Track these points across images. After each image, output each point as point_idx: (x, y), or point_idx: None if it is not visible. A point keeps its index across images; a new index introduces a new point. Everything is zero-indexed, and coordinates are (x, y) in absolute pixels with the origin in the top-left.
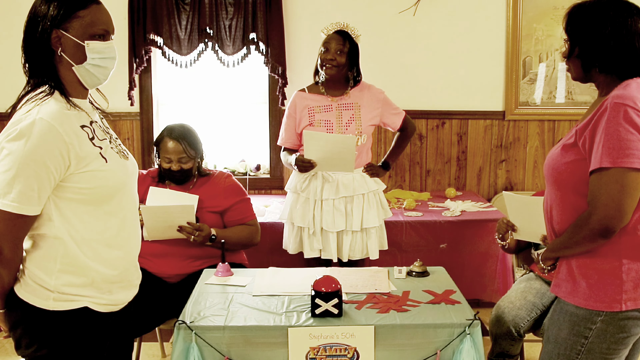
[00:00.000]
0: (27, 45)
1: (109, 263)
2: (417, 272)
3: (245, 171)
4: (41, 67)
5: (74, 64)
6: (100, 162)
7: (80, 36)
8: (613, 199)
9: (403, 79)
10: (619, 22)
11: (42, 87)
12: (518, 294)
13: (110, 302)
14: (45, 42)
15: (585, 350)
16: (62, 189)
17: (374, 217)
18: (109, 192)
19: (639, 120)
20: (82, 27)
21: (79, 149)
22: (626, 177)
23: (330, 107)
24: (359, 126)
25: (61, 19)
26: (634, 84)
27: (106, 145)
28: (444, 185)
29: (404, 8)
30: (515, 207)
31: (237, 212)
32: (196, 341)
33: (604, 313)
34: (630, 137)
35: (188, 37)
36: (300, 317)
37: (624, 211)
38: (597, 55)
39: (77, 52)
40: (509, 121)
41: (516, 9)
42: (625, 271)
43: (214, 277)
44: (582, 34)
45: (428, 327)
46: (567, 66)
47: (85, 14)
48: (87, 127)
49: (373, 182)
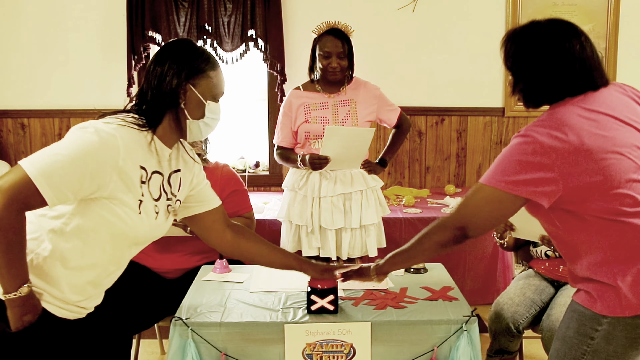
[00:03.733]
0: (155, 86)
1: (78, 290)
2: (415, 269)
3: (245, 168)
4: (158, 107)
5: (189, 118)
6: (133, 204)
7: (204, 94)
8: (475, 211)
9: (402, 75)
10: (550, 49)
11: (136, 116)
12: (517, 291)
13: (64, 306)
14: (175, 91)
15: (590, 351)
16: (91, 199)
17: (373, 214)
18: (125, 238)
19: (525, 152)
20: (209, 87)
21: (124, 180)
22: (492, 195)
23: (326, 104)
24: (355, 122)
25: (193, 74)
26: (557, 109)
27: (151, 201)
28: (443, 182)
29: (403, 4)
30: None
31: (233, 204)
32: (193, 337)
33: (609, 316)
34: (514, 163)
35: (186, 33)
36: (296, 314)
37: (481, 226)
38: (539, 90)
39: (198, 109)
40: (509, 118)
41: (516, 6)
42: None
43: (211, 274)
44: (520, 70)
45: (425, 323)
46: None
47: (213, 75)
48: (144, 170)
49: (371, 179)
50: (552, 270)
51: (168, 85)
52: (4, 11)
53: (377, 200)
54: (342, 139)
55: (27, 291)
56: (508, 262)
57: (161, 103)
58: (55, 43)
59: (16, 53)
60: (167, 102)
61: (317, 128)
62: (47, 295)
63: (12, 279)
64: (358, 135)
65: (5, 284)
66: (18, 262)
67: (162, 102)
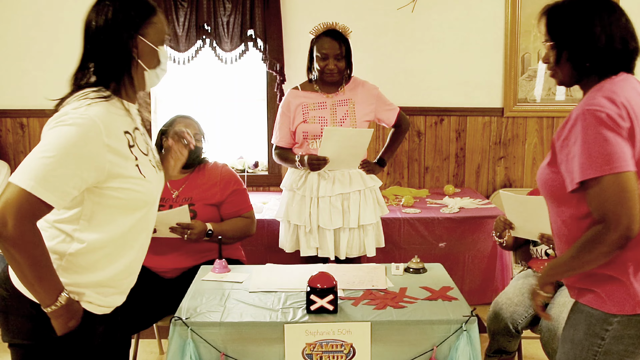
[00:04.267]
0: (102, 50)
1: (114, 269)
2: (414, 269)
3: (244, 168)
4: (113, 71)
5: (147, 69)
6: (135, 172)
7: (154, 42)
8: (623, 207)
9: (401, 75)
10: (604, 19)
11: (95, 88)
12: (516, 291)
13: (104, 304)
14: (126, 47)
15: (602, 352)
16: (96, 191)
17: (371, 214)
18: (140, 205)
19: (607, 125)
20: (156, 33)
21: (117, 155)
22: (620, 182)
23: (324, 103)
24: (353, 122)
25: (140, 25)
26: (607, 85)
27: (144, 158)
28: (442, 182)
29: (403, 4)
30: (513, 206)
31: (233, 204)
32: (192, 337)
33: (619, 315)
34: (604, 143)
35: (186, 33)
36: (296, 314)
37: (637, 215)
38: (590, 58)
39: (152, 58)
40: (508, 118)
41: (515, 5)
42: (633, 273)
43: (210, 274)
44: (569, 37)
45: (424, 323)
46: (550, 71)
47: (157, 20)
48: (128, 134)
49: (369, 179)
50: None
51: (117, 45)
52: (3, 11)
53: (375, 200)
54: (340, 140)
55: (65, 299)
56: (507, 262)
57: (117, 65)
58: (54, 43)
59: (15, 52)
60: (122, 62)
61: (315, 128)
62: (90, 292)
63: (47, 291)
64: (356, 135)
65: (43, 298)
66: (48, 273)
67: (117, 64)
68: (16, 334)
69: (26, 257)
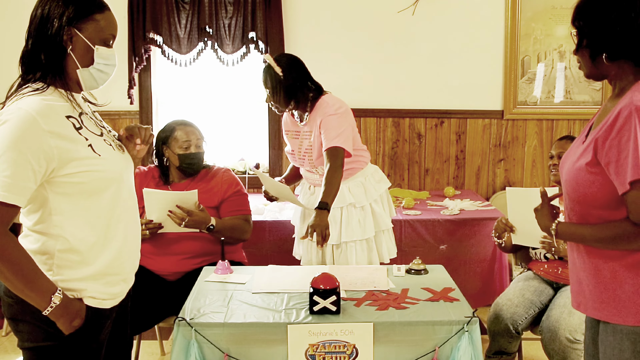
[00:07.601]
0: (36, 40)
1: (108, 255)
2: (416, 270)
3: (245, 170)
4: (48, 63)
5: (79, 66)
6: (88, 153)
7: (91, 39)
8: None
9: (401, 77)
10: (625, 6)
11: (34, 83)
12: (516, 292)
13: (111, 296)
14: (58, 38)
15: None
16: (56, 182)
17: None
18: (104, 184)
19: None
20: (96, 31)
21: (62, 139)
22: None
23: (298, 133)
24: (311, 157)
25: (78, 18)
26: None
27: (97, 138)
28: (442, 184)
29: (403, 7)
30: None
31: (234, 204)
32: (196, 338)
33: None
34: None
35: (187, 35)
36: (299, 314)
37: None
38: (604, 42)
39: (86, 55)
40: (508, 120)
41: (515, 9)
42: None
43: (213, 275)
44: (587, 23)
45: (426, 324)
46: (578, 63)
47: (100, 17)
48: (72, 118)
49: (351, 196)
50: (552, 272)
51: (50, 33)
52: (4, 11)
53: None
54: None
55: (60, 299)
56: (507, 264)
57: (49, 54)
58: None
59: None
60: (53, 52)
61: (293, 158)
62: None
63: (39, 294)
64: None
65: (37, 301)
66: (34, 277)
67: (49, 53)
68: (27, 338)
69: (7, 264)
